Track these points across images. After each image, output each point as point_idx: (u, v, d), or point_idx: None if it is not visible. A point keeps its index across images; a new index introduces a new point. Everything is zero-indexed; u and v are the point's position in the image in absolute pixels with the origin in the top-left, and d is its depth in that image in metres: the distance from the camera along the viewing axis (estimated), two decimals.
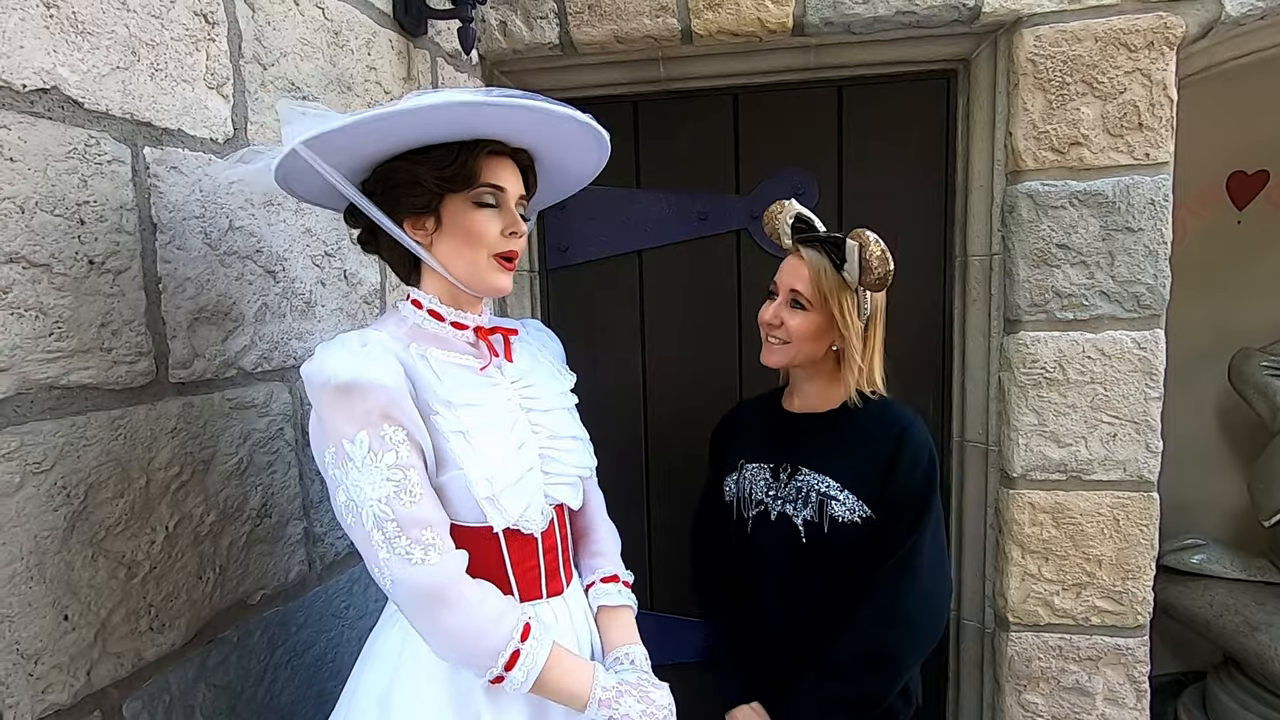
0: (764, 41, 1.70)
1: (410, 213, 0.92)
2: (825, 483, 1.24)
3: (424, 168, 0.90)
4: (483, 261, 0.94)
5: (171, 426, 0.97)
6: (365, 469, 0.81)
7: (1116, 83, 1.57)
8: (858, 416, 1.26)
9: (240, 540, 1.09)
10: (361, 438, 0.81)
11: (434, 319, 0.96)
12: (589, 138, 0.98)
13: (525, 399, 0.99)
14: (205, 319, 1.03)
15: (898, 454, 1.21)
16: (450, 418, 0.88)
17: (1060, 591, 1.70)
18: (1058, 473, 1.68)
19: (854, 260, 1.17)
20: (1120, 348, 1.62)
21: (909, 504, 1.20)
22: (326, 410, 0.82)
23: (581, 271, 1.96)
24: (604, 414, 1.99)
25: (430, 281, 0.97)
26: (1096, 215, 1.60)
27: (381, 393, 0.82)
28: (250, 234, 1.10)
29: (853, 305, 1.21)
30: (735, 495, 1.34)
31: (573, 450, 1.03)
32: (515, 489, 0.92)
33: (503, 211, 0.95)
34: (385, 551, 0.82)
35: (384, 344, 0.87)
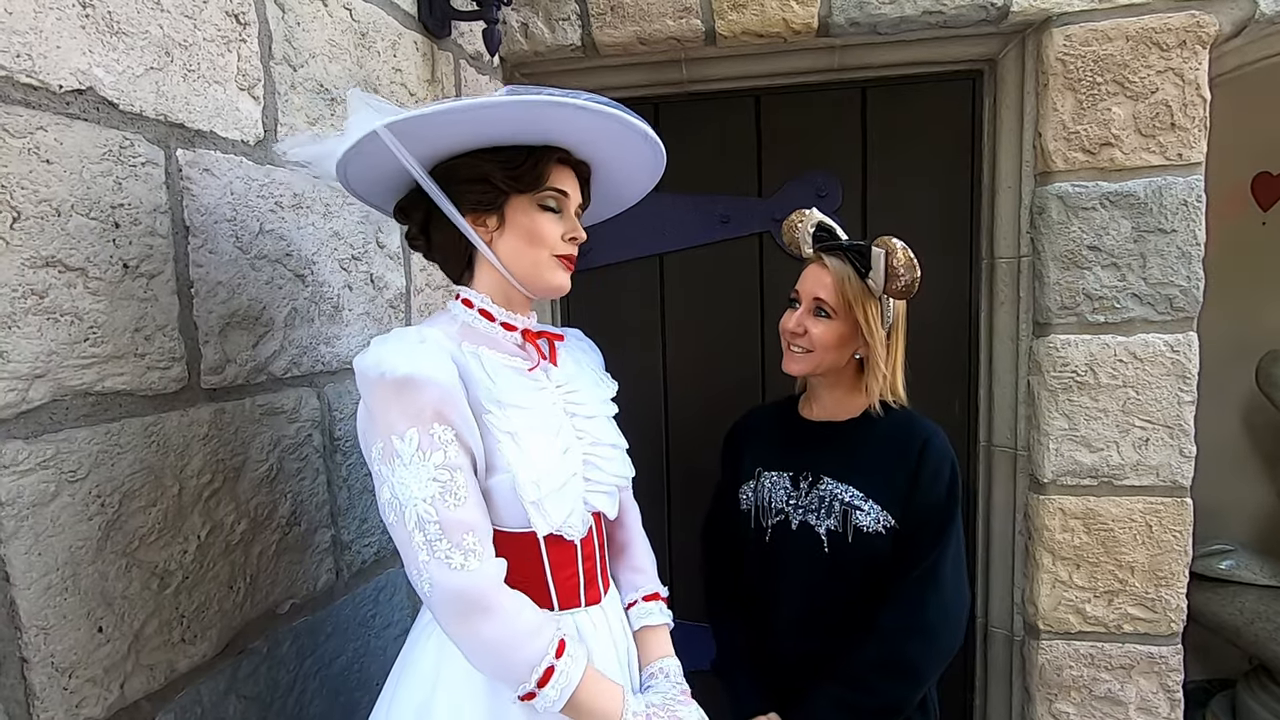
0: (788, 42, 1.69)
1: (474, 209, 0.92)
2: (849, 492, 1.22)
3: (492, 165, 0.90)
4: (545, 260, 0.94)
5: (204, 433, 0.96)
6: (413, 467, 0.80)
7: (1148, 82, 1.55)
8: (879, 426, 1.25)
9: (270, 549, 1.07)
10: (411, 435, 0.80)
11: (485, 319, 0.95)
12: (652, 158, 1.01)
13: (570, 404, 0.98)
14: (237, 324, 1.01)
15: (921, 465, 1.20)
16: (501, 417, 0.86)
17: (1092, 599, 1.68)
18: (1089, 478, 1.65)
19: (880, 267, 1.16)
20: (1152, 351, 1.60)
21: (933, 515, 1.20)
22: (378, 404, 0.81)
23: (603, 275, 1.95)
24: (626, 417, 1.94)
25: (483, 281, 0.96)
26: (1128, 216, 1.58)
27: (436, 389, 0.80)
28: (280, 237, 1.09)
29: (877, 313, 1.20)
30: (753, 504, 1.32)
31: (613, 459, 1.02)
32: (560, 494, 0.90)
33: (564, 217, 0.96)
34: (425, 554, 0.80)
35: (440, 341, 0.86)
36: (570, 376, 1.01)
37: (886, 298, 1.21)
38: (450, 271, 0.99)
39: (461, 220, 0.91)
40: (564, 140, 0.94)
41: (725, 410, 1.91)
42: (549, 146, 0.93)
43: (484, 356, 0.89)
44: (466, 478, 0.83)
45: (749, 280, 1.89)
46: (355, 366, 0.82)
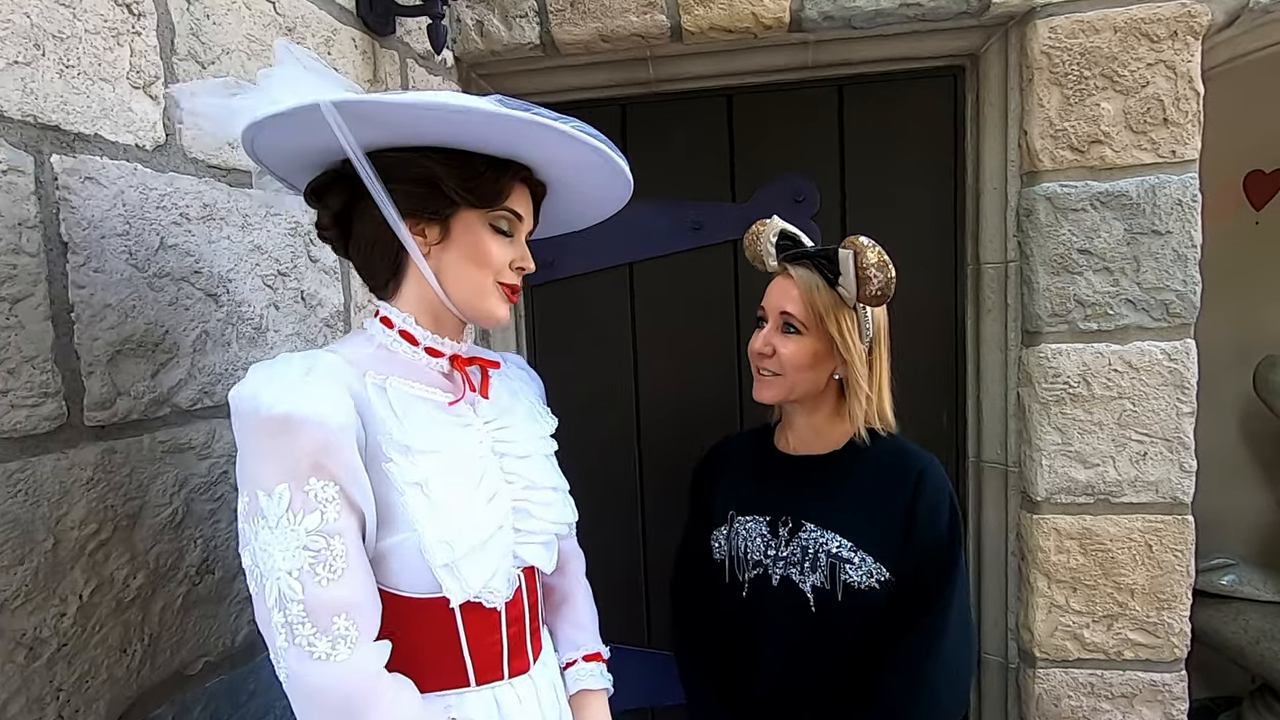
0: (759, 38, 1.59)
1: (414, 214, 0.80)
2: (835, 541, 1.08)
3: (444, 170, 0.78)
4: (488, 286, 0.84)
5: (87, 478, 0.84)
6: (279, 531, 0.67)
7: (1138, 76, 1.46)
8: (866, 459, 1.12)
9: (176, 603, 0.95)
10: (281, 491, 0.67)
11: (406, 342, 0.84)
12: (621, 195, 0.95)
13: (499, 442, 0.86)
14: (130, 351, 0.90)
15: (916, 502, 1.06)
16: (406, 466, 0.74)
17: (1090, 624, 1.58)
18: (1085, 495, 1.55)
19: (849, 271, 1.04)
20: (1149, 359, 1.51)
21: (932, 561, 1.06)
22: (248, 448, 0.69)
23: (569, 286, 1.84)
24: (596, 438, 1.87)
25: (409, 297, 0.85)
26: (1120, 218, 1.49)
27: (318, 434, 0.68)
28: (186, 253, 0.98)
29: (853, 325, 1.08)
30: (727, 554, 1.17)
31: (550, 503, 0.90)
32: (480, 553, 0.78)
33: (515, 242, 0.87)
34: (284, 638, 0.68)
35: (334, 371, 0.74)
36: (502, 410, 0.89)
37: (863, 307, 1.09)
38: (371, 278, 0.86)
39: (403, 227, 0.79)
40: (532, 159, 0.84)
41: (702, 428, 1.81)
42: (511, 161, 0.83)
43: (394, 389, 0.78)
44: (348, 544, 0.70)
45: (723, 290, 1.79)
46: (229, 399, 0.70)
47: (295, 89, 0.72)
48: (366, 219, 0.81)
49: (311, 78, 0.73)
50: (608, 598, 1.13)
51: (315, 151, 0.80)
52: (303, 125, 0.74)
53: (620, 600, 1.85)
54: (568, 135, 0.77)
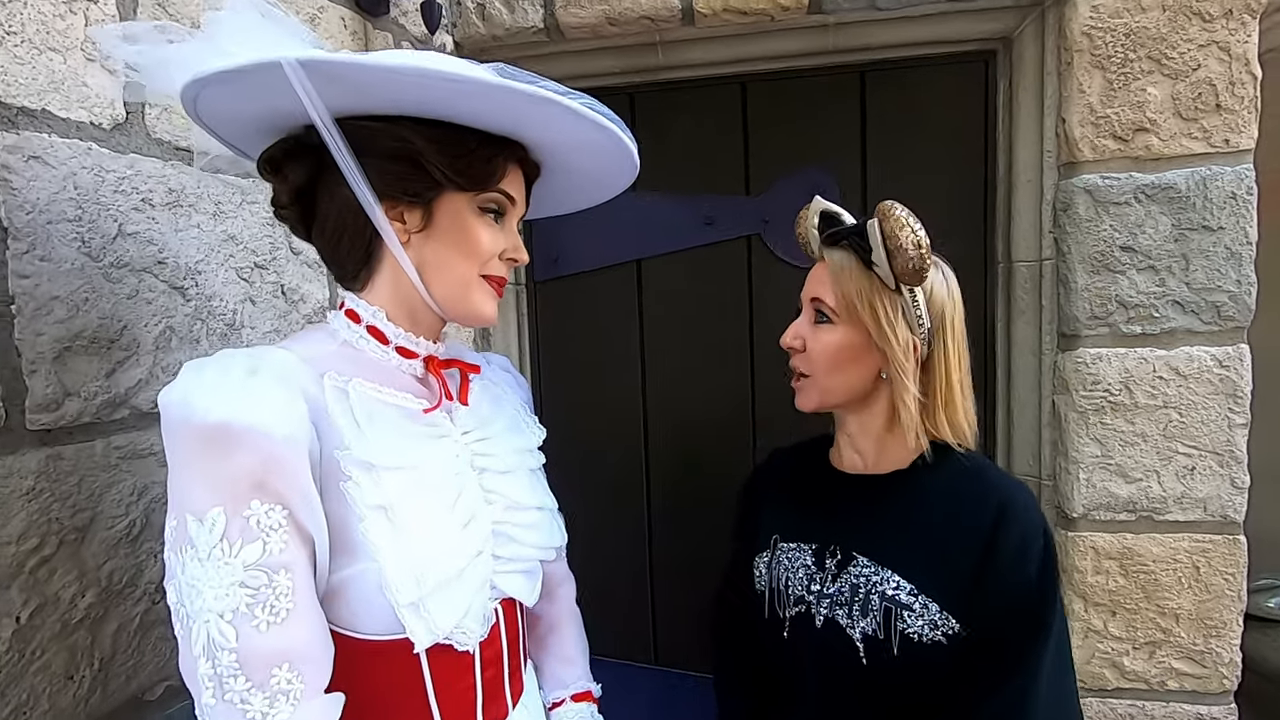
0: (776, 21, 1.50)
1: (392, 196, 0.70)
2: (892, 581, 0.89)
3: (428, 146, 0.68)
4: (473, 280, 0.74)
5: (28, 487, 0.76)
6: (210, 565, 0.57)
7: (1189, 58, 1.34)
8: (935, 482, 0.93)
9: (132, 623, 0.87)
10: (215, 517, 0.57)
11: (374, 339, 0.74)
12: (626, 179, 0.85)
13: (478, 455, 0.76)
14: (82, 348, 0.82)
15: (998, 540, 0.86)
16: (369, 485, 0.64)
17: (1131, 651, 1.46)
18: (1126, 512, 1.44)
19: (877, 242, 0.87)
20: (1198, 366, 1.39)
21: (1017, 616, 0.85)
22: (177, 461, 0.59)
23: (574, 284, 1.75)
24: (600, 443, 1.78)
25: (382, 290, 0.74)
26: (1167, 212, 1.38)
27: (262, 446, 0.58)
28: (149, 241, 0.90)
29: (894, 310, 0.90)
30: (767, 585, 1.00)
31: (535, 525, 0.80)
32: (453, 588, 0.68)
33: (506, 229, 0.77)
34: (211, 693, 0.57)
35: (285, 371, 0.64)
36: (483, 420, 0.79)
37: (910, 290, 0.91)
38: (338, 266, 0.75)
39: (379, 211, 0.69)
40: (531, 137, 0.74)
41: (712, 433, 1.72)
42: (506, 139, 0.73)
43: (357, 393, 0.67)
44: (296, 580, 0.60)
45: (737, 288, 1.69)
46: (158, 403, 0.61)
47: (250, 41, 0.62)
48: (334, 198, 0.71)
49: (270, 27, 0.64)
50: (611, 612, 1.04)
51: (272, 114, 0.69)
52: (258, 84, 0.64)
53: (624, 614, 1.76)
54: (577, 114, 0.68)
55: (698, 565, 1.73)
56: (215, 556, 0.57)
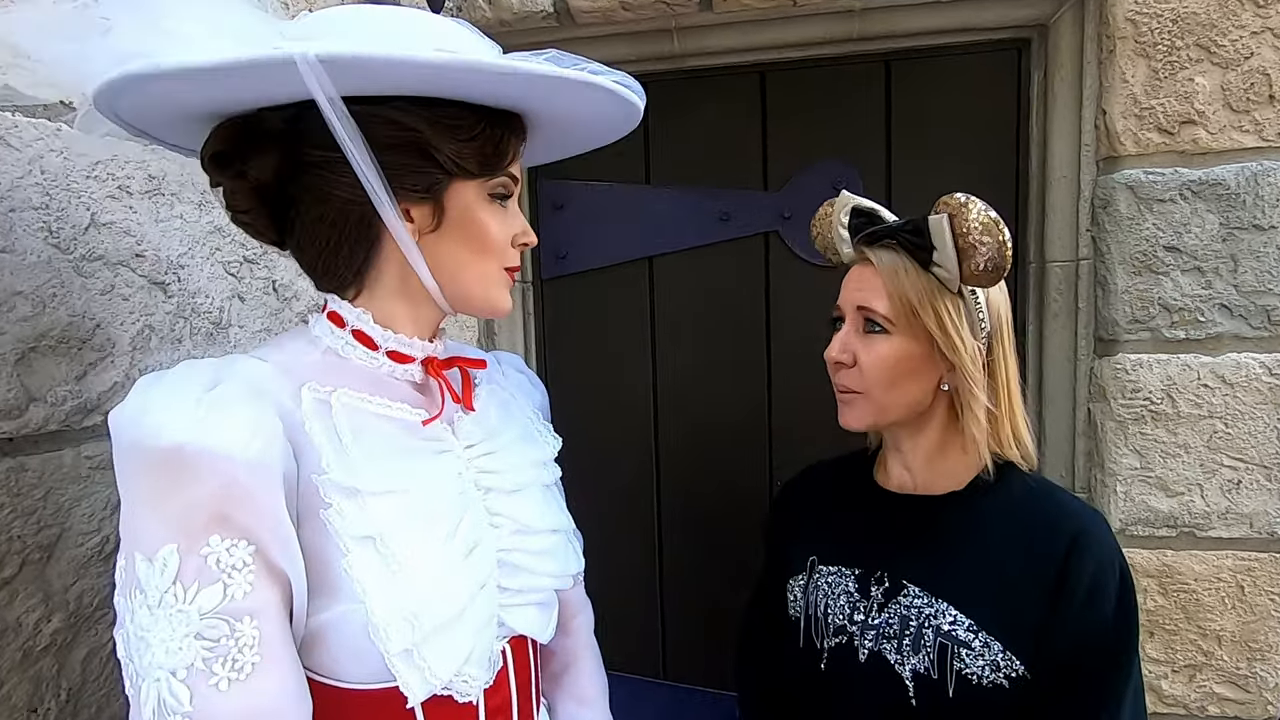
0: (797, 6, 1.42)
1: (401, 195, 0.62)
2: (948, 615, 0.80)
3: (437, 132, 0.60)
4: (493, 274, 0.67)
5: None
6: (162, 613, 0.49)
7: (1240, 46, 1.26)
8: (997, 505, 0.84)
9: (104, 649, 0.80)
10: (166, 556, 0.49)
11: (361, 344, 0.65)
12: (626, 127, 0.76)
13: (483, 473, 0.68)
14: (49, 349, 0.75)
15: (1070, 575, 0.77)
16: (353, 513, 0.56)
17: (1169, 674, 1.38)
18: (1166, 528, 1.36)
19: (946, 243, 0.78)
20: (1245, 374, 1.31)
21: (1094, 663, 0.76)
22: (128, 492, 0.52)
23: (583, 281, 1.68)
24: (609, 449, 1.70)
25: (379, 295, 0.66)
26: (1215, 210, 1.30)
27: (222, 472, 0.50)
28: (126, 232, 0.83)
29: (959, 315, 0.82)
30: (803, 611, 0.92)
31: (548, 551, 0.71)
32: (453, 629, 0.59)
33: (511, 211, 0.69)
34: None
35: (254, 384, 0.56)
36: (490, 430, 0.71)
37: (971, 291, 0.83)
38: (328, 275, 0.66)
39: (395, 215, 0.61)
40: (536, 109, 0.67)
41: (727, 439, 1.64)
42: (507, 112, 0.65)
43: (341, 405, 0.60)
44: (264, 628, 0.51)
45: (753, 287, 1.61)
46: (109, 424, 0.53)
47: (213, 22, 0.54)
48: (325, 201, 0.61)
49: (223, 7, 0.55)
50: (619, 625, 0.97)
51: (221, 102, 0.59)
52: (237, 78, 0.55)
53: (633, 627, 1.68)
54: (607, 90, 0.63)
55: (710, 577, 1.66)
56: (167, 603, 0.49)
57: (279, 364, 0.60)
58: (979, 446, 0.83)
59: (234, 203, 0.65)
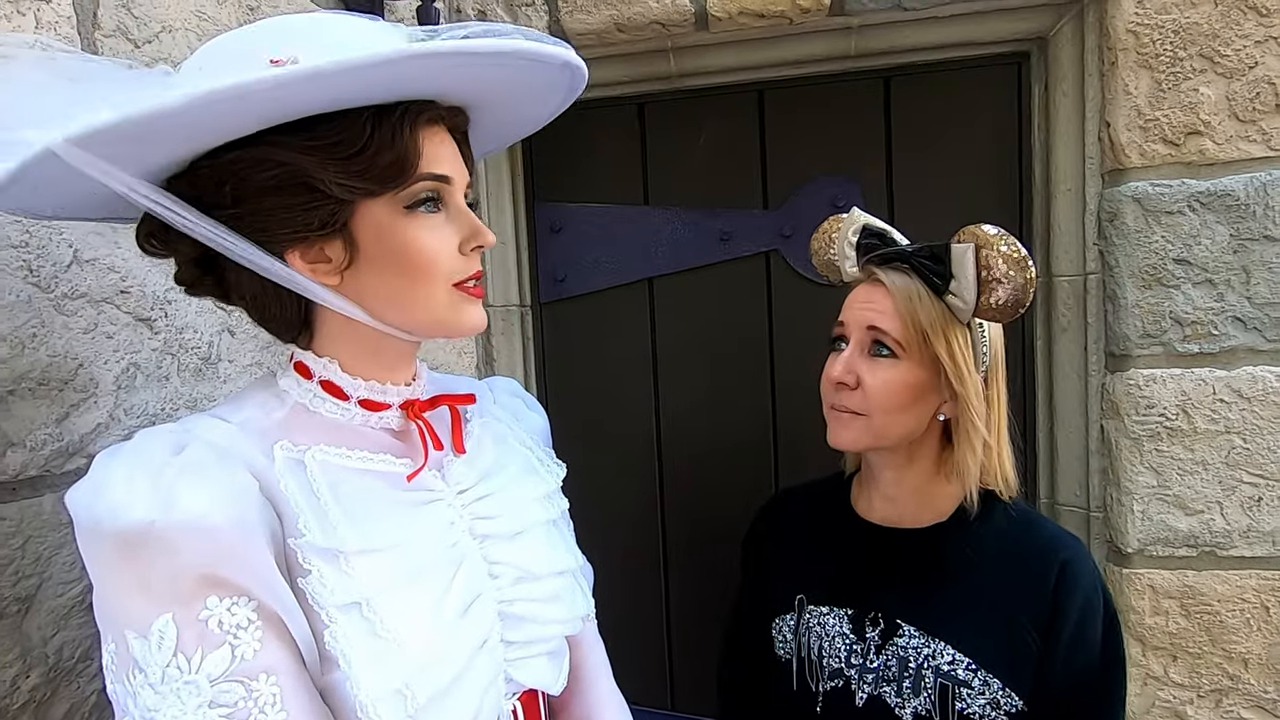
0: (795, 24, 1.41)
1: (298, 238, 0.56)
2: (946, 654, 0.80)
3: (312, 157, 0.53)
4: (439, 296, 0.59)
5: None
6: (168, 688, 0.46)
7: (1245, 55, 1.25)
8: (984, 537, 0.84)
9: (86, 703, 0.76)
10: (162, 629, 0.46)
11: (330, 395, 0.61)
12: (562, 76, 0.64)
13: (479, 519, 0.64)
14: (28, 391, 0.72)
15: (1061, 605, 0.78)
16: (336, 580, 0.53)
17: (1195, 700, 1.34)
18: (1186, 547, 1.32)
19: (967, 273, 0.77)
20: (1262, 387, 1.28)
21: (1085, 692, 0.78)
22: (102, 579, 0.49)
23: (582, 305, 1.65)
24: (612, 476, 1.67)
25: (333, 338, 0.61)
26: (1225, 221, 1.27)
27: (205, 540, 0.47)
28: (109, 269, 0.80)
29: (967, 347, 0.81)
30: (794, 654, 0.90)
31: (555, 597, 0.67)
32: (453, 695, 0.55)
33: (453, 214, 0.61)
34: None
35: (221, 447, 0.53)
36: (484, 472, 0.67)
37: (979, 324, 0.84)
38: (278, 331, 0.62)
39: (288, 270, 0.55)
40: (417, 90, 0.57)
41: (731, 464, 1.61)
42: (402, 104, 0.56)
43: (316, 464, 0.56)
44: (284, 683, 0.49)
45: (755, 308, 1.59)
46: (66, 505, 0.50)
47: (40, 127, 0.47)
48: (236, 268, 0.56)
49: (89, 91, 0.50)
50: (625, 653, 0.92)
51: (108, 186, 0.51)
52: (54, 173, 0.48)
53: (639, 655, 1.64)
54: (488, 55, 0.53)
55: (717, 604, 1.62)
56: (171, 677, 0.46)
57: (244, 423, 0.57)
58: (969, 478, 0.83)
59: (179, 275, 0.61)
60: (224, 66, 0.52)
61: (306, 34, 0.54)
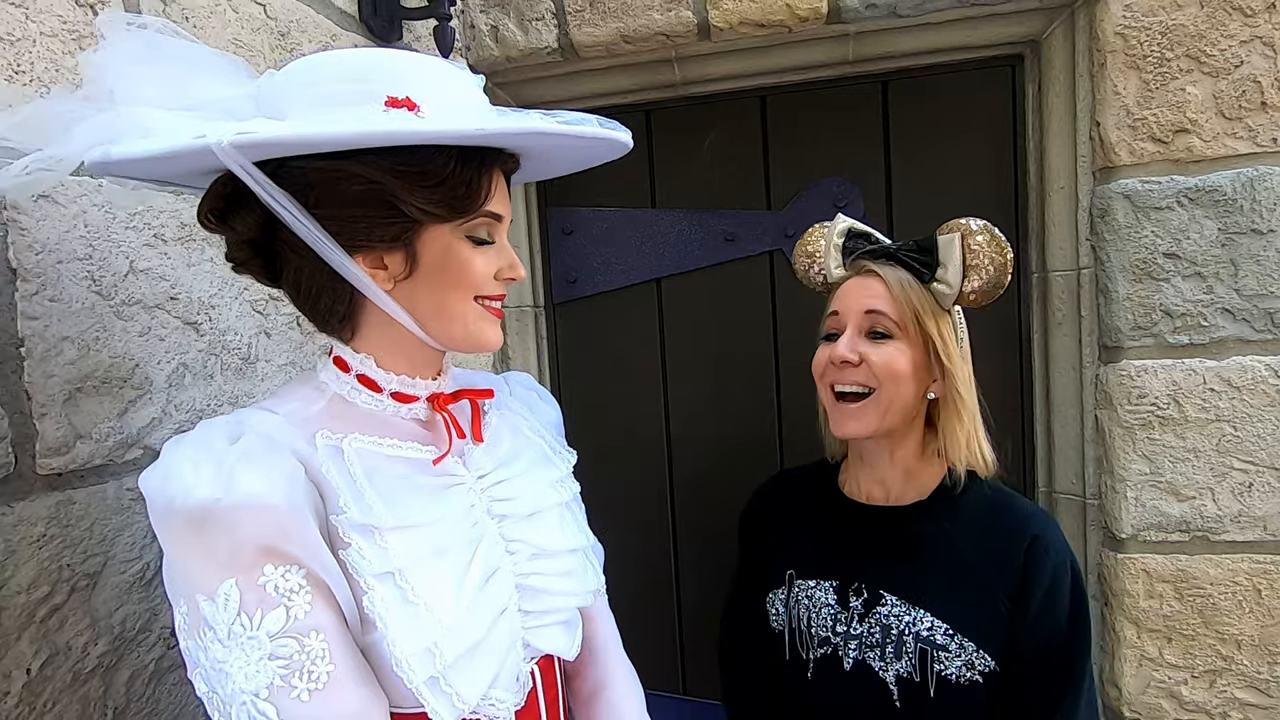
0: (794, 32, 1.46)
1: (367, 245, 0.63)
2: (926, 621, 0.87)
3: (402, 182, 0.60)
4: (471, 310, 0.67)
5: (39, 534, 0.74)
6: (233, 642, 0.54)
7: (1230, 55, 1.29)
8: (962, 513, 0.91)
9: (146, 670, 0.85)
10: (227, 591, 0.54)
11: (366, 388, 0.68)
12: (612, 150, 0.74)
13: (497, 501, 0.71)
14: (93, 389, 0.80)
15: (1031, 575, 0.85)
16: (372, 552, 0.60)
17: (1189, 680, 1.38)
18: (1179, 532, 1.36)
19: (954, 261, 0.85)
20: (1252, 377, 1.32)
21: (1053, 655, 0.85)
22: (172, 548, 0.56)
23: (593, 304, 1.72)
24: (623, 470, 1.74)
25: (369, 335, 0.69)
26: (1213, 216, 1.31)
27: (262, 516, 0.55)
28: (160, 277, 0.88)
29: (949, 329, 0.89)
30: (786, 625, 0.97)
31: (568, 572, 0.74)
32: (476, 655, 0.63)
33: (498, 248, 0.69)
34: None
35: (271, 436, 0.60)
36: (502, 459, 0.74)
37: (958, 310, 0.92)
38: (320, 320, 0.69)
39: (356, 271, 0.63)
40: (507, 145, 0.67)
41: (739, 456, 1.67)
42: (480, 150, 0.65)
43: (353, 450, 0.63)
44: (331, 641, 0.56)
45: (760, 305, 1.65)
46: (140, 488, 0.57)
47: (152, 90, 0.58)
48: (301, 255, 0.63)
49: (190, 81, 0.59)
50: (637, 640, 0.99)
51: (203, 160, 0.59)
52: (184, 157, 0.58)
53: (651, 642, 1.71)
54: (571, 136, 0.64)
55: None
56: (236, 633, 0.54)
57: (288, 414, 0.64)
58: (959, 450, 0.90)
59: (230, 253, 0.69)
60: (337, 94, 0.61)
61: (417, 78, 0.62)
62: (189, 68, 0.63)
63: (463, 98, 0.66)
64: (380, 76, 0.61)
